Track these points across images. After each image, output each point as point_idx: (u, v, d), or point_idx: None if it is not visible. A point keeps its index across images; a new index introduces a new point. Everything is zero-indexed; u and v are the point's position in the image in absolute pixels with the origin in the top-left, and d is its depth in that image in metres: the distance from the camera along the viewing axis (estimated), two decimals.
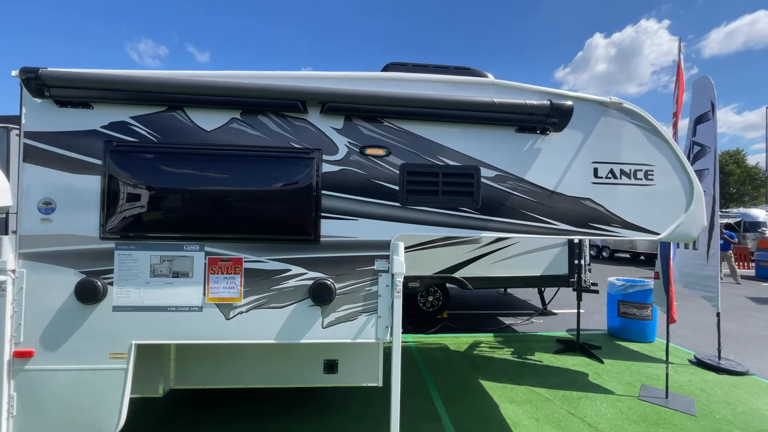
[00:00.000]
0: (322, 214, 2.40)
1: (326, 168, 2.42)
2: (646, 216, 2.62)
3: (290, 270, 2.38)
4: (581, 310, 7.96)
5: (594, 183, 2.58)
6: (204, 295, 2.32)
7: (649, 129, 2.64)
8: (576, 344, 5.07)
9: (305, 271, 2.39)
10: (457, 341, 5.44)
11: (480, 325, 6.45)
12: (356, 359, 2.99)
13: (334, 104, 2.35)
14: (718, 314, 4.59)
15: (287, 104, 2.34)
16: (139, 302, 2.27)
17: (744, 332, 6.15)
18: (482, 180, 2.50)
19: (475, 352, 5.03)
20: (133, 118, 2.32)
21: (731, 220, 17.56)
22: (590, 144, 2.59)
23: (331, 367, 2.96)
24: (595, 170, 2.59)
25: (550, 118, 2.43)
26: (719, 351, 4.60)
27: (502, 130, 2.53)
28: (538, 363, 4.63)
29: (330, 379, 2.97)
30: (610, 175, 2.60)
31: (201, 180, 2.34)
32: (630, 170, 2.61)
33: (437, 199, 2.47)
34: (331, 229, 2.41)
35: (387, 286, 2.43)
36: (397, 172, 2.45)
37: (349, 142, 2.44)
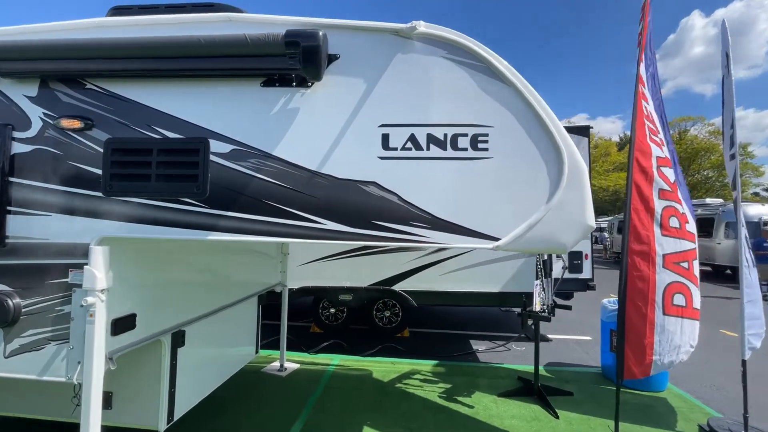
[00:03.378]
0: (9, 209, 1.85)
1: (17, 148, 1.86)
2: (474, 210, 1.61)
3: None
4: (587, 337, 6.37)
5: (382, 158, 1.65)
6: None
7: (479, 68, 1.63)
8: (533, 386, 3.81)
9: None
10: (391, 368, 4.50)
11: (443, 348, 5.36)
12: (135, 394, 2.37)
13: (8, 63, 1.79)
14: (743, 362, 3.04)
15: None
16: None
17: None
18: (212, 158, 1.73)
19: (398, 385, 4.05)
20: None
21: None
22: (376, 97, 1.67)
23: (105, 401, 2.37)
24: (385, 138, 1.66)
25: (290, 60, 1.58)
26: (746, 419, 3.04)
27: (243, 85, 1.74)
28: (463, 410, 3.52)
29: (104, 416, 2.38)
30: (410, 145, 1.64)
31: None
32: (445, 135, 1.63)
33: (150, 186, 1.76)
34: (21, 227, 1.85)
35: (83, 306, 1.78)
36: (101, 150, 1.80)
37: (44, 113, 1.86)
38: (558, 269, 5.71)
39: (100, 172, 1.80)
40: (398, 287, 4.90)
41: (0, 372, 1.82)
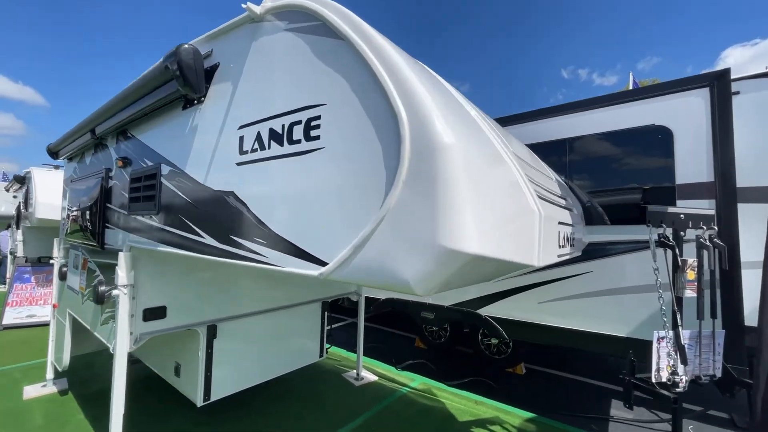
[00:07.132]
0: (106, 225, 2.72)
1: (109, 183, 2.72)
2: (306, 223, 1.19)
3: None
4: None
5: (239, 164, 1.46)
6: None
7: (315, 28, 1.21)
8: None
9: None
10: (470, 408, 3.72)
11: (562, 400, 4.01)
12: (189, 370, 2.96)
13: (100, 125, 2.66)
14: None
15: None
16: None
17: None
18: (162, 180, 2.00)
19: (451, 425, 3.30)
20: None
21: None
22: (238, 98, 1.50)
23: (176, 370, 3.08)
24: (241, 140, 1.46)
25: (176, 78, 1.64)
26: None
27: (172, 112, 1.94)
28: None
29: (176, 382, 3.09)
30: (256, 146, 1.39)
31: None
32: (283, 127, 1.29)
33: (138, 206, 2.20)
34: (107, 237, 2.69)
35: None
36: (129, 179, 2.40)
37: (116, 157, 2.64)
38: None
39: (127, 195, 2.40)
40: (484, 312, 4.04)
41: (100, 335, 2.68)
